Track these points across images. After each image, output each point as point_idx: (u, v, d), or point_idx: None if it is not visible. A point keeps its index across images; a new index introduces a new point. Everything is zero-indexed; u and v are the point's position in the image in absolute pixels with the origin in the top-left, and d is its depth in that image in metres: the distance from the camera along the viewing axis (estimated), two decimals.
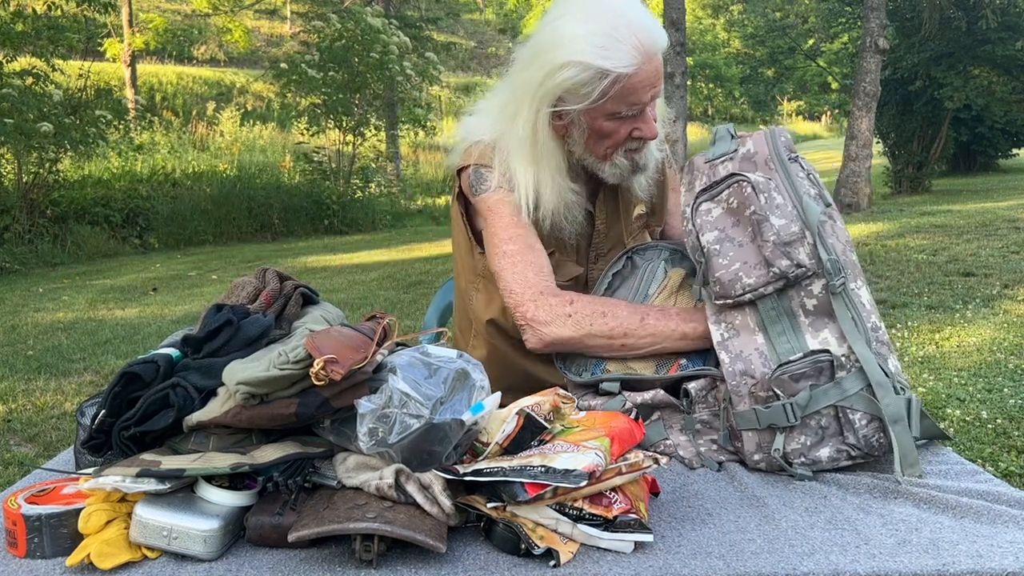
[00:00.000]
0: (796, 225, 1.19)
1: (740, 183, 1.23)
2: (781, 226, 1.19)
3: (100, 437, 1.07)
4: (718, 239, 1.23)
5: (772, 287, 1.20)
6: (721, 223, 1.24)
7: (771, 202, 1.20)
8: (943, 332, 4.76)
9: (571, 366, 1.39)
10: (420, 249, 9.74)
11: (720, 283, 1.22)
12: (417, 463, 1.02)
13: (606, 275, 1.47)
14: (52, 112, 9.93)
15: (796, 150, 1.32)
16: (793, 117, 44.24)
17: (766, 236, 1.19)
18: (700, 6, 32.27)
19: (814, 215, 1.19)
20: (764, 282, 1.19)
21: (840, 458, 1.18)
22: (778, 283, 1.19)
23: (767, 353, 1.20)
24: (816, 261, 1.18)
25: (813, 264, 1.18)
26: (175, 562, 0.95)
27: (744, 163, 1.29)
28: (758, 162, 1.28)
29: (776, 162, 1.27)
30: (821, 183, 1.30)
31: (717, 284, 1.22)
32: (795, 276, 1.19)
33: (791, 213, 1.20)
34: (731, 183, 1.25)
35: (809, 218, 1.19)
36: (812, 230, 1.18)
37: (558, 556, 0.93)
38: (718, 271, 1.22)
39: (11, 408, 4.12)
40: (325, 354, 0.98)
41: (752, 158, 1.28)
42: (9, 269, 9.18)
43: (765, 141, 1.30)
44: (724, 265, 1.22)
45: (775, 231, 1.18)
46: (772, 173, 1.26)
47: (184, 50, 23.60)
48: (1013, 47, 12.18)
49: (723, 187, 1.26)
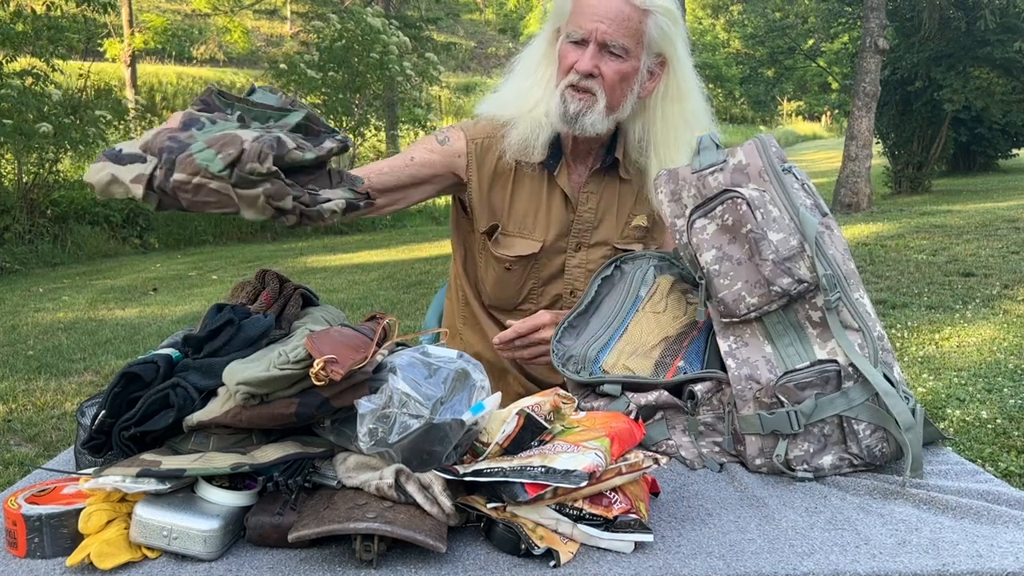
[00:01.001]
0: (795, 239, 1.19)
1: (734, 200, 1.22)
2: (779, 241, 1.19)
3: (100, 438, 1.07)
4: (716, 258, 1.23)
5: (776, 304, 1.20)
6: (717, 240, 1.24)
7: (768, 216, 1.20)
8: (943, 332, 4.77)
9: (569, 365, 1.39)
10: (420, 249, 9.74)
11: (724, 303, 1.22)
12: (417, 463, 1.02)
13: (594, 281, 1.47)
14: (52, 112, 9.93)
15: (787, 158, 1.31)
16: (793, 117, 44.25)
17: (764, 255, 1.18)
18: (700, 6, 32.27)
19: (812, 228, 1.19)
20: (767, 300, 1.20)
21: (842, 466, 1.19)
22: (781, 300, 1.20)
23: (774, 361, 1.20)
24: (817, 274, 1.18)
25: (814, 277, 1.18)
26: (175, 562, 0.95)
27: (736, 175, 1.27)
28: (751, 174, 1.27)
29: (770, 174, 1.26)
30: (816, 192, 1.29)
31: (721, 304, 1.23)
32: (798, 292, 1.19)
33: (789, 226, 1.20)
34: (725, 199, 1.23)
35: (807, 231, 1.19)
36: (810, 243, 1.18)
37: (558, 556, 0.93)
38: (721, 292, 1.22)
39: (11, 408, 4.12)
40: (325, 354, 0.98)
41: (744, 170, 1.27)
42: (9, 269, 9.18)
43: (757, 152, 1.28)
44: (726, 285, 1.22)
45: (773, 248, 1.18)
46: (766, 185, 1.25)
47: (184, 50, 23.60)
48: (1012, 48, 12.19)
49: (716, 203, 1.25)
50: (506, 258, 1.58)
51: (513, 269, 1.60)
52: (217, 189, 0.98)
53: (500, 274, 1.61)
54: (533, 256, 1.58)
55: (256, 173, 0.98)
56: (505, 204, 1.58)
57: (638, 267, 1.48)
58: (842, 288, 1.19)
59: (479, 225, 1.60)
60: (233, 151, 0.98)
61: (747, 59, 21.56)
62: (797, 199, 1.23)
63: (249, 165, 0.98)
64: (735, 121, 37.92)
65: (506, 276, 1.61)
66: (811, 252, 1.18)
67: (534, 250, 1.58)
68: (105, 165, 1.04)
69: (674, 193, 1.34)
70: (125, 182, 1.02)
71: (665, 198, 1.35)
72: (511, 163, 1.56)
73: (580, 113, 1.46)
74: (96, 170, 1.04)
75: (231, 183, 0.98)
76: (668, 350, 1.36)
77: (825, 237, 1.22)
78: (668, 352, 1.36)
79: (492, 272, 1.62)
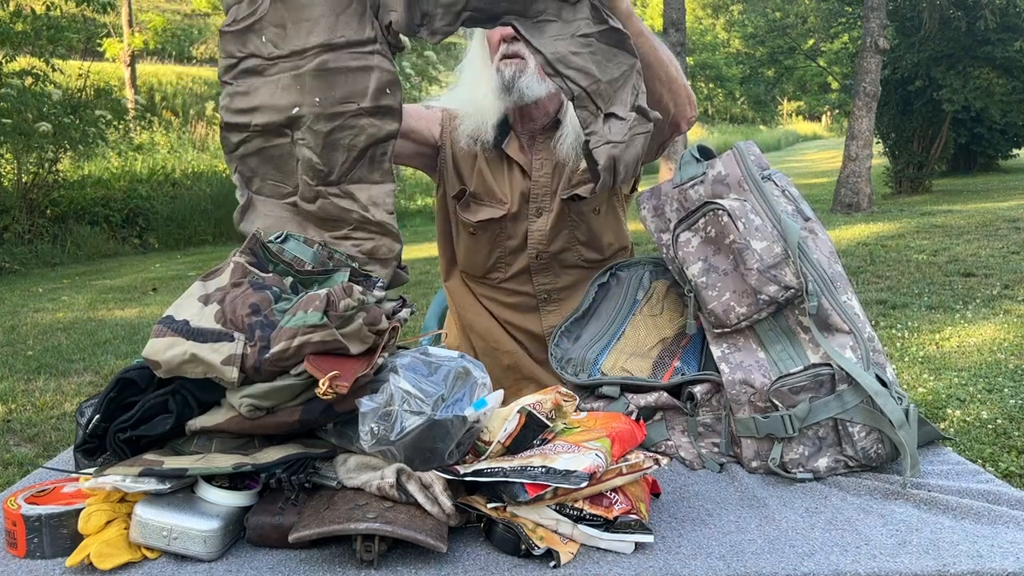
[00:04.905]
0: (779, 246, 1.20)
1: (716, 211, 1.23)
2: (763, 249, 1.20)
3: (94, 441, 1.07)
4: (703, 270, 1.24)
5: (766, 312, 1.21)
6: (702, 252, 1.25)
7: (750, 225, 1.21)
8: (943, 332, 4.76)
9: (568, 368, 1.39)
10: (420, 249, 9.73)
11: (714, 315, 1.24)
12: (419, 461, 1.02)
13: (591, 287, 1.48)
14: (51, 112, 9.94)
15: (768, 165, 1.32)
16: (793, 117, 44.27)
17: (749, 264, 1.19)
18: (700, 6, 32.25)
19: (794, 234, 1.20)
20: (756, 309, 1.21)
21: (838, 467, 1.19)
22: (770, 308, 1.21)
23: (767, 365, 1.20)
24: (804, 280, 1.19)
25: (801, 283, 1.19)
26: (175, 562, 0.95)
27: (716, 186, 1.29)
28: (731, 183, 1.28)
29: (750, 183, 1.27)
30: (798, 197, 1.30)
31: (712, 315, 1.24)
32: (786, 299, 1.19)
33: (772, 234, 1.21)
34: (706, 211, 1.25)
35: (789, 239, 1.20)
36: (793, 251, 1.19)
37: (558, 556, 0.93)
38: (710, 303, 1.23)
39: (11, 408, 4.12)
40: (327, 372, 0.98)
41: (724, 180, 1.29)
42: (9, 269, 9.18)
43: (735, 161, 1.30)
44: (715, 297, 1.23)
45: (758, 257, 1.19)
46: (747, 194, 1.27)
47: (184, 50, 23.59)
48: (1012, 48, 12.18)
49: (699, 216, 1.26)
50: (470, 223, 1.64)
51: (478, 234, 1.65)
52: (322, 339, 1.00)
53: (468, 240, 1.67)
54: (497, 222, 1.63)
55: (350, 308, 1.03)
56: (472, 177, 1.65)
57: (634, 272, 1.48)
58: (829, 291, 1.20)
59: (450, 190, 1.67)
60: (319, 302, 1.02)
61: (747, 59, 21.54)
62: (778, 206, 1.24)
63: (343, 303, 1.02)
64: (735, 121, 37.94)
65: (472, 242, 1.67)
66: (795, 258, 1.18)
67: (497, 215, 1.63)
68: (177, 341, 1.01)
69: (657, 208, 1.36)
70: (213, 363, 1.00)
71: (648, 213, 1.37)
72: (469, 147, 1.64)
73: (514, 77, 1.52)
74: (165, 346, 1.01)
75: (334, 327, 1.01)
76: (666, 351, 1.36)
77: (809, 242, 1.23)
78: (666, 352, 1.36)
79: (462, 239, 1.69)
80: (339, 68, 1.20)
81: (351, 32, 1.20)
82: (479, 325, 1.71)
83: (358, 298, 1.04)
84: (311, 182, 1.24)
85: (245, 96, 1.25)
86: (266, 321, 1.02)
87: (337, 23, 1.20)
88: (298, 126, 1.23)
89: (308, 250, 1.19)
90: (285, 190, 1.28)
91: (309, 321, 1.00)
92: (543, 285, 1.66)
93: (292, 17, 1.21)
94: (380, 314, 1.07)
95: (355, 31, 1.20)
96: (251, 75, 1.25)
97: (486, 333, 1.71)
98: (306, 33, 1.21)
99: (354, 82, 1.20)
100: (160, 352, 1.01)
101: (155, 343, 1.02)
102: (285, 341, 0.99)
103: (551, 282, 1.65)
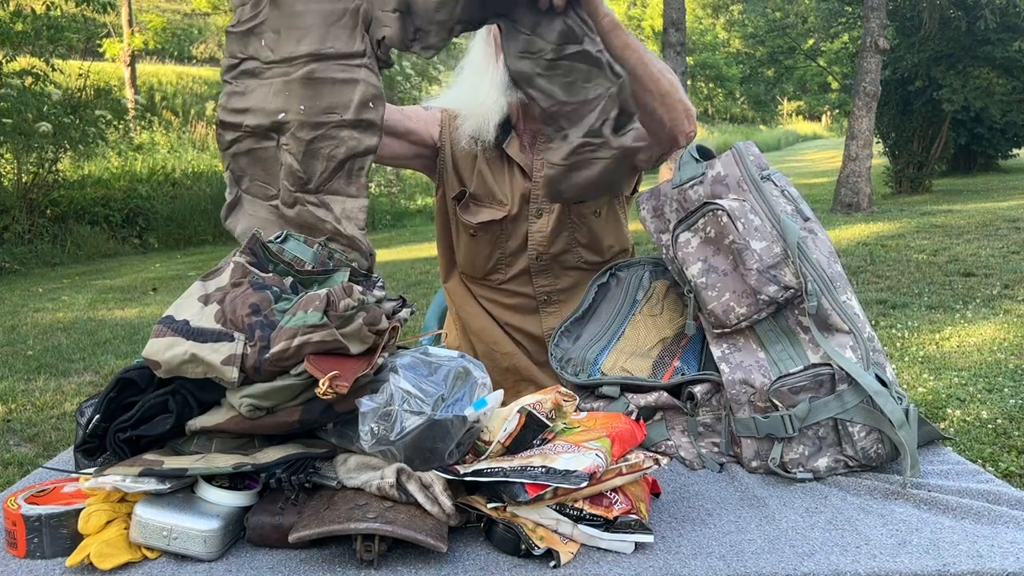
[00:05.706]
0: (778, 246, 1.20)
1: (715, 212, 1.23)
2: (762, 249, 1.20)
3: (94, 441, 1.07)
4: (703, 271, 1.24)
5: (765, 312, 1.21)
6: (702, 253, 1.25)
7: (749, 225, 1.21)
8: (943, 332, 4.76)
9: (568, 367, 1.39)
10: (420, 249, 9.73)
11: (714, 315, 1.23)
12: (420, 461, 1.02)
13: (591, 287, 1.48)
14: (51, 112, 9.94)
15: (768, 165, 1.32)
16: (793, 117, 44.27)
17: (749, 265, 1.19)
18: (700, 6, 32.27)
19: (793, 234, 1.20)
20: (756, 309, 1.21)
21: (838, 467, 1.19)
22: (770, 308, 1.21)
23: (767, 365, 1.20)
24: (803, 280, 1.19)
25: (800, 283, 1.19)
26: (175, 562, 0.95)
27: (716, 186, 1.29)
28: (730, 184, 1.28)
29: (749, 183, 1.27)
30: (797, 197, 1.30)
31: (712, 316, 1.24)
32: (785, 299, 1.19)
33: (771, 234, 1.21)
34: (706, 212, 1.25)
35: (788, 239, 1.20)
36: (792, 251, 1.19)
37: (558, 556, 0.93)
38: (710, 304, 1.23)
39: (11, 408, 4.12)
40: (327, 372, 0.98)
41: (723, 180, 1.29)
42: (9, 269, 9.18)
43: (735, 162, 1.30)
44: (715, 297, 1.23)
45: (757, 257, 1.19)
46: (746, 195, 1.26)
47: (184, 50, 23.59)
48: (1012, 48, 12.18)
49: (698, 216, 1.26)
50: (471, 224, 1.63)
51: (478, 236, 1.64)
52: (322, 339, 1.00)
53: (468, 241, 1.67)
54: (497, 223, 1.62)
55: (350, 308, 1.03)
56: (472, 178, 1.64)
57: (634, 273, 1.48)
58: (828, 291, 1.20)
59: (449, 191, 1.67)
60: (319, 302, 1.02)
61: (747, 59, 21.54)
62: (777, 206, 1.24)
63: (343, 303, 1.02)
64: (735, 121, 37.95)
65: (472, 243, 1.66)
66: (794, 258, 1.18)
67: (497, 217, 1.62)
68: (177, 341, 1.01)
69: (656, 209, 1.36)
70: (213, 363, 1.00)
71: (648, 214, 1.37)
72: (470, 147, 1.63)
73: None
74: (165, 346, 1.01)
75: (334, 327, 1.01)
76: (666, 350, 1.36)
77: (808, 242, 1.23)
78: (666, 352, 1.36)
79: (462, 240, 1.68)
80: (326, 78, 1.22)
81: (341, 44, 1.22)
82: (478, 326, 1.71)
83: (358, 298, 1.04)
84: (291, 188, 1.26)
85: (241, 96, 1.26)
86: (266, 321, 1.02)
87: (328, 34, 1.22)
88: (283, 131, 1.24)
89: (308, 250, 1.20)
90: (271, 192, 1.30)
91: (309, 321, 1.00)
92: (543, 287, 1.66)
93: (286, 24, 1.23)
94: (380, 314, 1.07)
95: (345, 43, 1.22)
96: (249, 77, 1.26)
97: (485, 334, 1.70)
98: (296, 41, 1.23)
99: (339, 93, 1.22)
100: (160, 352, 1.01)
101: (155, 343, 1.02)
102: (285, 341, 0.99)
103: (551, 284, 1.65)
